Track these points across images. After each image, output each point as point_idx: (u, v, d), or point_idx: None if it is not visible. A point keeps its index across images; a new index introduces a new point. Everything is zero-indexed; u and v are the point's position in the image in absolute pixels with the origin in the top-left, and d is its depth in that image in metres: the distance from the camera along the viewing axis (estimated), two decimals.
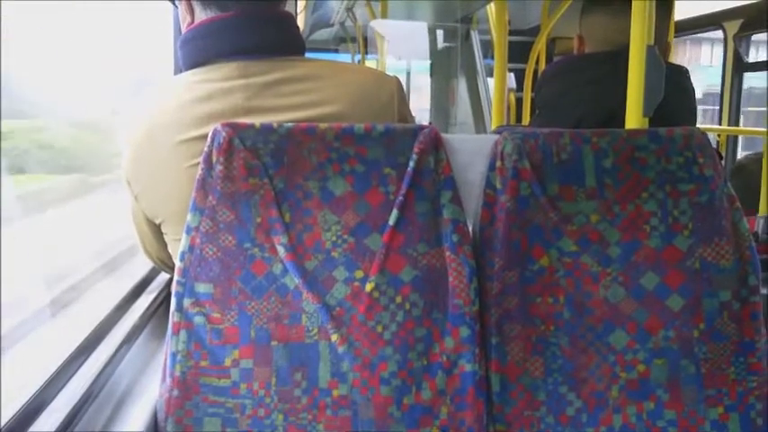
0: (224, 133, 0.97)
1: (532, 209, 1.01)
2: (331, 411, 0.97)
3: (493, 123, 2.55)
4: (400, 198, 0.99)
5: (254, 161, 0.97)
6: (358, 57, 5.91)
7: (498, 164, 1.02)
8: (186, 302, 0.97)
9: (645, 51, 1.14)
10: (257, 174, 0.98)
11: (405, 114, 1.15)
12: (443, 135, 1.02)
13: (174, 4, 1.22)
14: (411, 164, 1.00)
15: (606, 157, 1.01)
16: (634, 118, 1.16)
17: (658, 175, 1.01)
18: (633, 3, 1.16)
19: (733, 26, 3.27)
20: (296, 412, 0.97)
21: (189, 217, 0.97)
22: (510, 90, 3.83)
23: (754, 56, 3.25)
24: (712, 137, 3.52)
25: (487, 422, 1.01)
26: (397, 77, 1.18)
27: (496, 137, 1.03)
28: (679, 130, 1.03)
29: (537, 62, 3.40)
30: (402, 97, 1.16)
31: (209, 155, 0.97)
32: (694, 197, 1.01)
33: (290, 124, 0.99)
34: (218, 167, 0.97)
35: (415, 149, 1.00)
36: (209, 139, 0.98)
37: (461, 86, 5.67)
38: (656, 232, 1.01)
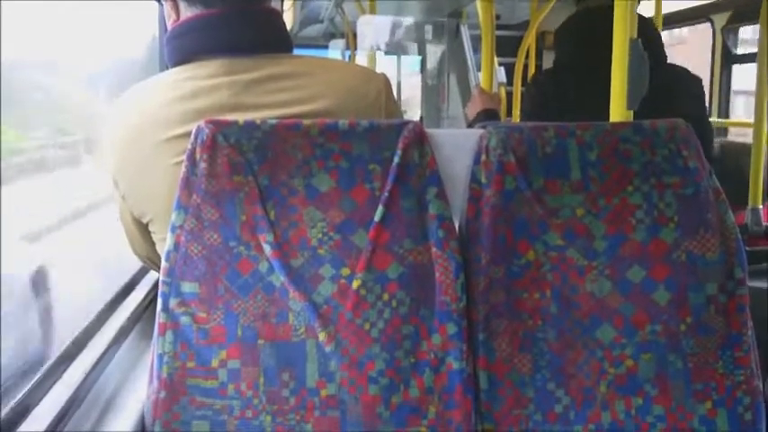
0: (207, 130, 0.96)
1: (518, 203, 1.01)
2: (319, 412, 0.97)
3: None
4: (385, 194, 0.99)
5: (237, 158, 0.97)
6: (348, 52, 5.89)
7: (483, 158, 1.01)
8: (172, 302, 0.97)
9: (628, 45, 1.14)
10: (241, 171, 0.97)
11: (392, 111, 1.14)
12: (428, 130, 1.02)
13: (159, 1, 1.21)
14: (396, 159, 0.99)
15: (591, 150, 1.01)
16: (618, 111, 1.16)
17: (643, 168, 1.01)
18: None
19: (721, 19, 3.28)
20: (284, 413, 0.97)
21: (173, 215, 0.97)
22: (500, 84, 3.82)
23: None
24: None
25: (476, 420, 1.00)
26: (384, 74, 1.17)
27: (481, 131, 1.03)
28: (663, 123, 1.02)
29: (527, 56, 3.40)
30: (390, 94, 1.15)
31: (192, 152, 0.96)
32: (679, 190, 1.01)
33: (273, 121, 0.99)
34: (202, 165, 0.96)
35: (400, 145, 0.99)
36: (192, 136, 0.97)
37: (452, 81, 5.66)
38: (641, 225, 1.01)
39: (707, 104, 3.07)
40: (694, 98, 1.92)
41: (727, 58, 3.30)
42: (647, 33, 1.38)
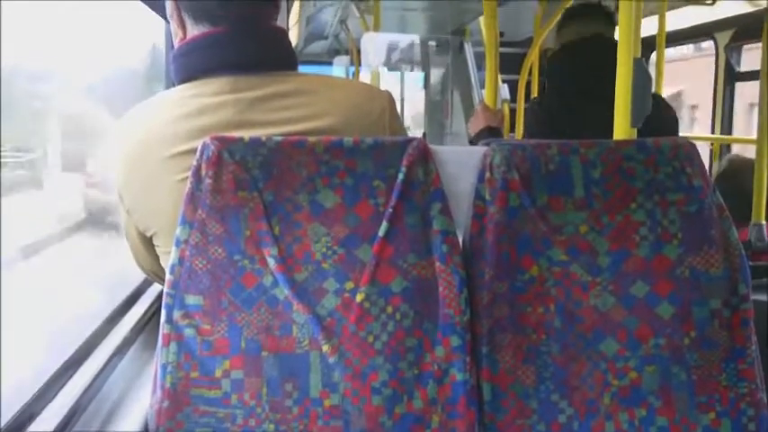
0: (213, 147, 0.97)
1: (522, 219, 1.01)
2: (322, 422, 0.97)
3: None
4: (390, 210, 1.00)
5: (243, 174, 0.98)
6: (352, 68, 5.94)
7: (487, 175, 1.02)
8: (176, 314, 0.97)
9: (632, 63, 1.15)
10: (246, 187, 0.98)
11: (396, 129, 1.15)
12: (432, 147, 1.03)
13: (165, 19, 1.23)
14: (400, 176, 1.00)
15: (594, 167, 1.02)
16: (622, 129, 1.17)
17: (647, 185, 1.02)
18: (620, 16, 1.17)
19: (724, 36, 3.29)
20: (287, 422, 0.97)
21: (178, 230, 0.97)
22: (504, 101, 3.85)
23: None
24: (706, 145, 3.55)
25: (479, 431, 1.00)
26: (388, 92, 1.18)
27: (485, 148, 1.04)
28: (666, 141, 1.03)
29: (530, 73, 3.43)
30: (394, 112, 1.16)
31: (198, 168, 0.97)
32: (683, 207, 1.02)
33: (278, 138, 1.00)
34: (208, 181, 0.97)
35: (405, 162, 1.00)
36: (198, 152, 0.98)
37: (456, 98, 5.69)
38: (645, 242, 1.01)
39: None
40: (670, 125, 2.05)
41: (730, 76, 3.32)
42: None
